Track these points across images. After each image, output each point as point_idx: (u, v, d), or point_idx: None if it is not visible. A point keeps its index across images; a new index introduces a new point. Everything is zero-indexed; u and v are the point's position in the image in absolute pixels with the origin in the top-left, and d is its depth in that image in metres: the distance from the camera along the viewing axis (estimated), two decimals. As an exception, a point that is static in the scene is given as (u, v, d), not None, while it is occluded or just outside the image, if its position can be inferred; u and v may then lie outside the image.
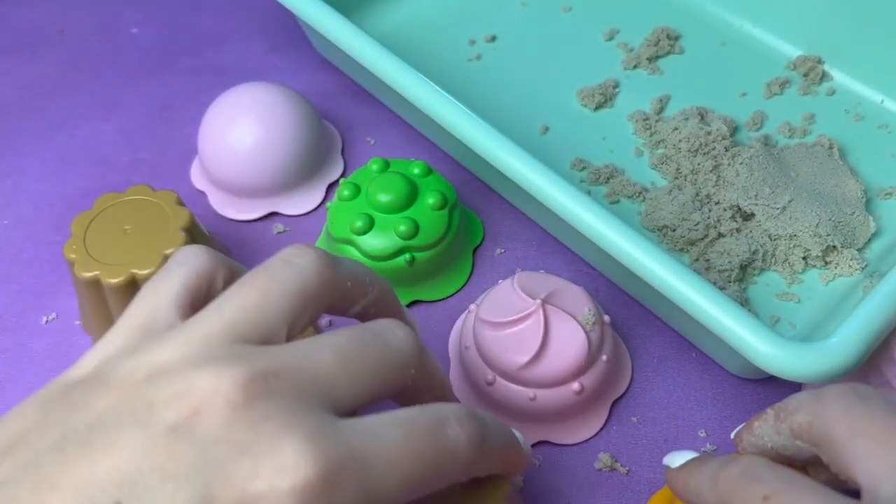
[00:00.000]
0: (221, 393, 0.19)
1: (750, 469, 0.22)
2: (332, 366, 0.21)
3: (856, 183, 0.39)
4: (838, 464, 0.21)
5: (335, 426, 0.19)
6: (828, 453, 0.21)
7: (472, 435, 0.21)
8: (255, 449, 0.18)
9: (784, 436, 0.23)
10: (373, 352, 0.22)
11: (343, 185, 0.37)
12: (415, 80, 0.36)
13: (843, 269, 0.36)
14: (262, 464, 0.18)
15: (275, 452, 0.18)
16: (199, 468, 0.18)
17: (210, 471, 0.18)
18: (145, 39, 0.51)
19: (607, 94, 0.44)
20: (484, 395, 0.32)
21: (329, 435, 0.19)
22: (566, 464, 0.32)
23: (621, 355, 0.35)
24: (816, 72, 0.44)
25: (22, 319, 0.37)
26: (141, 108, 0.46)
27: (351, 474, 0.19)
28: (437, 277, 0.37)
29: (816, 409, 0.22)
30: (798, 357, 0.27)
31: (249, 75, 0.47)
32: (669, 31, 0.47)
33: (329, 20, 0.39)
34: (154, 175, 0.43)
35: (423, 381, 0.23)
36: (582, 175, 0.41)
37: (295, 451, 0.18)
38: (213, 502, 0.17)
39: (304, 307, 0.22)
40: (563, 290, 0.32)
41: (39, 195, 0.42)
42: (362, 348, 0.21)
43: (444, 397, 0.24)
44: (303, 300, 0.22)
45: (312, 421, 0.19)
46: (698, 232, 0.37)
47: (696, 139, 0.40)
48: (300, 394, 0.20)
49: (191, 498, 0.17)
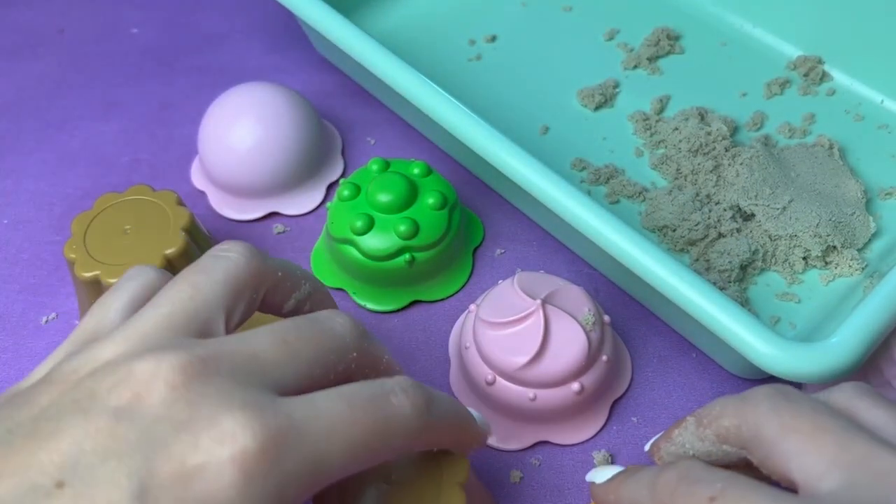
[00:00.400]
0: (161, 376, 0.19)
1: (690, 472, 0.21)
2: (270, 349, 0.21)
3: (856, 183, 0.39)
4: (769, 464, 0.21)
5: (275, 401, 0.20)
6: (758, 454, 0.21)
7: (416, 402, 0.22)
8: (194, 424, 0.19)
9: (709, 441, 0.23)
10: (311, 336, 0.22)
11: (343, 185, 0.37)
12: (415, 80, 0.36)
13: (844, 269, 0.36)
14: (201, 437, 0.18)
15: (213, 425, 0.19)
16: (139, 445, 0.18)
17: (151, 447, 0.18)
18: (145, 39, 0.51)
19: (607, 94, 0.44)
20: (484, 395, 0.32)
21: (268, 408, 0.19)
22: (566, 464, 0.32)
23: (621, 355, 0.35)
24: (816, 72, 0.44)
25: (22, 319, 0.37)
26: (141, 108, 0.46)
27: (292, 443, 0.19)
28: (437, 277, 0.37)
29: (743, 411, 0.22)
30: (798, 357, 0.27)
31: (249, 75, 0.47)
32: (669, 31, 0.47)
33: (329, 20, 0.39)
34: (154, 175, 0.43)
35: (368, 365, 0.24)
36: (582, 175, 0.41)
37: (233, 421, 0.19)
38: (154, 476, 0.18)
39: (236, 295, 0.23)
40: (563, 290, 0.32)
41: (39, 195, 0.42)
42: (300, 333, 0.22)
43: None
44: (233, 288, 0.23)
45: (251, 396, 0.20)
46: (698, 232, 0.37)
47: (697, 139, 0.40)
48: (239, 374, 0.20)
49: (132, 473, 0.18)
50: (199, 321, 0.22)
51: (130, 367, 0.20)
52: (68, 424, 0.19)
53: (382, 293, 0.37)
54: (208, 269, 0.23)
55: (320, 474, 0.20)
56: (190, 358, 0.20)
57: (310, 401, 0.20)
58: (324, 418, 0.20)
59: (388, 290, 0.37)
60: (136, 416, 0.19)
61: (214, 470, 0.18)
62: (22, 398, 0.20)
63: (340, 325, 0.23)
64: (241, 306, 0.23)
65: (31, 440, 0.19)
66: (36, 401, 0.20)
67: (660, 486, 0.22)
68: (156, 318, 0.21)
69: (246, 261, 0.24)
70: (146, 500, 0.18)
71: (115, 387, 0.19)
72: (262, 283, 0.24)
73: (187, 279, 0.23)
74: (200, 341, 0.21)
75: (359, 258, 0.36)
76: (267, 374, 0.21)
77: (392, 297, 0.37)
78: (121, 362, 0.20)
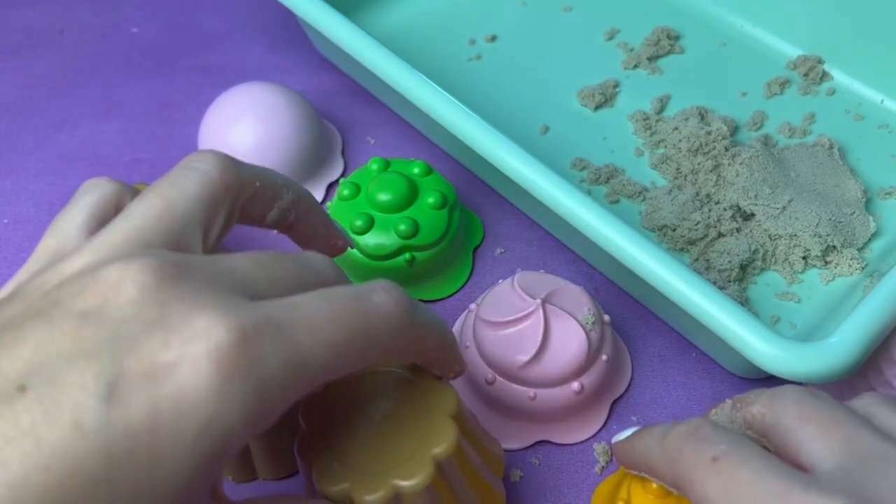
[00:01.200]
0: (130, 277, 0.18)
1: (698, 430, 0.22)
2: (248, 266, 0.20)
3: (856, 183, 0.39)
4: (784, 451, 0.21)
5: (251, 303, 0.19)
6: (775, 442, 0.22)
7: (399, 300, 0.21)
8: (165, 323, 0.18)
9: (737, 425, 0.23)
10: (291, 264, 0.21)
11: (343, 184, 0.37)
12: (415, 79, 0.36)
13: (843, 268, 0.36)
14: (172, 335, 0.17)
15: (186, 324, 0.18)
16: (107, 345, 0.17)
17: (119, 347, 0.17)
18: (145, 39, 0.51)
19: (607, 93, 0.44)
20: (484, 395, 0.32)
21: (242, 306, 0.18)
22: (566, 463, 0.32)
23: (621, 355, 0.35)
24: (816, 72, 0.45)
25: (22, 319, 0.37)
26: (141, 108, 0.46)
27: (269, 338, 0.18)
28: (437, 277, 0.37)
29: (772, 401, 0.22)
30: (798, 357, 0.27)
31: (249, 75, 0.47)
32: (669, 31, 0.47)
33: (329, 20, 0.39)
34: (154, 175, 0.43)
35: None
36: (582, 175, 0.41)
37: (206, 319, 0.18)
38: (124, 375, 0.17)
39: (212, 210, 0.22)
40: (563, 289, 0.32)
41: (39, 195, 0.42)
42: (280, 260, 0.21)
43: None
44: (209, 203, 0.22)
45: (226, 297, 0.19)
46: (698, 232, 0.37)
47: (696, 139, 0.40)
48: (215, 280, 0.19)
49: (100, 373, 0.17)
50: (174, 236, 0.21)
51: (97, 272, 0.18)
52: (31, 331, 0.17)
53: (382, 293, 0.37)
54: (180, 183, 0.22)
55: (303, 374, 0.19)
56: (162, 261, 0.19)
57: (287, 301, 0.19)
58: (303, 314, 0.19)
59: (388, 289, 0.37)
60: (103, 317, 0.18)
61: (188, 367, 0.17)
62: None
63: (322, 261, 0.22)
64: (219, 221, 0.22)
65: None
66: (1, 315, 0.18)
67: (669, 439, 0.23)
68: (126, 231, 0.20)
69: (220, 172, 0.22)
70: (114, 399, 0.17)
71: (81, 292, 0.18)
72: (239, 195, 0.23)
73: (159, 193, 0.21)
74: (174, 253, 0.20)
75: (359, 258, 0.36)
76: (243, 286, 0.20)
77: (392, 297, 0.37)
78: (88, 271, 0.19)
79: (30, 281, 0.20)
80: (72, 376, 0.17)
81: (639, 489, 0.26)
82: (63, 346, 0.17)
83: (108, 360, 0.17)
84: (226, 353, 0.17)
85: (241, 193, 0.23)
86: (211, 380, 0.17)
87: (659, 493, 0.25)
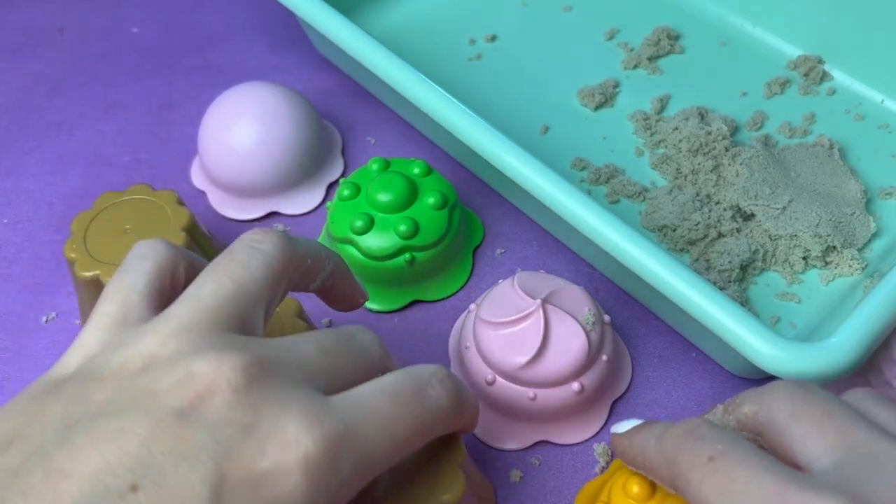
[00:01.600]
0: (224, 378, 0.20)
1: (696, 429, 0.22)
2: (316, 357, 0.22)
3: (856, 183, 0.39)
4: (779, 449, 0.22)
5: (327, 403, 0.21)
6: (770, 439, 0.22)
7: (450, 392, 0.23)
8: (258, 428, 0.19)
9: (730, 428, 0.23)
10: (349, 352, 0.23)
11: (343, 184, 0.37)
12: (415, 79, 0.36)
13: (844, 269, 0.36)
14: (266, 443, 0.19)
15: (278, 430, 0.19)
16: (208, 449, 0.19)
17: (219, 451, 0.19)
18: (145, 39, 0.51)
19: (607, 93, 0.44)
20: (484, 395, 0.32)
21: (323, 412, 0.20)
22: (566, 463, 0.32)
23: (621, 355, 0.35)
24: (817, 72, 0.44)
25: (22, 319, 0.37)
26: (141, 108, 0.46)
27: (347, 446, 0.20)
28: (437, 277, 0.37)
29: (762, 398, 0.23)
30: (798, 357, 0.27)
31: (249, 75, 0.47)
32: (670, 31, 0.47)
33: (329, 20, 0.39)
34: (154, 175, 0.43)
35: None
36: (582, 175, 0.41)
37: (296, 428, 0.19)
38: (226, 480, 0.18)
39: (275, 291, 0.24)
40: (563, 290, 0.32)
41: (39, 195, 0.42)
42: (339, 345, 0.23)
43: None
44: (272, 284, 0.23)
45: (307, 399, 0.20)
46: (698, 232, 0.37)
47: (697, 139, 0.40)
48: (292, 377, 0.21)
49: (204, 477, 0.18)
50: (242, 318, 0.22)
51: (189, 366, 0.20)
52: (132, 424, 0.19)
53: (382, 293, 0.37)
54: (248, 264, 0.23)
55: (369, 471, 0.21)
56: (250, 359, 0.20)
57: (357, 401, 0.21)
58: (372, 418, 0.21)
59: (389, 289, 0.37)
60: (201, 418, 0.19)
61: (281, 474, 0.19)
62: (73, 391, 0.20)
63: (370, 340, 0.24)
64: (278, 299, 0.24)
65: (93, 438, 0.18)
66: (91, 396, 0.20)
67: (667, 437, 0.23)
68: (199, 313, 0.21)
69: (282, 254, 0.24)
70: (220, 503, 0.18)
71: (177, 387, 0.19)
72: (295, 273, 0.25)
73: (228, 273, 0.23)
74: (252, 340, 0.21)
75: (359, 258, 0.36)
76: (313, 379, 0.21)
77: (392, 297, 0.37)
78: (176, 360, 0.20)
79: (106, 356, 0.21)
80: (179, 478, 0.18)
81: (619, 492, 0.26)
82: (166, 444, 0.18)
83: (210, 463, 0.18)
84: (313, 463, 0.19)
85: (297, 271, 0.25)
86: (300, 484, 0.19)
87: (639, 497, 0.25)
